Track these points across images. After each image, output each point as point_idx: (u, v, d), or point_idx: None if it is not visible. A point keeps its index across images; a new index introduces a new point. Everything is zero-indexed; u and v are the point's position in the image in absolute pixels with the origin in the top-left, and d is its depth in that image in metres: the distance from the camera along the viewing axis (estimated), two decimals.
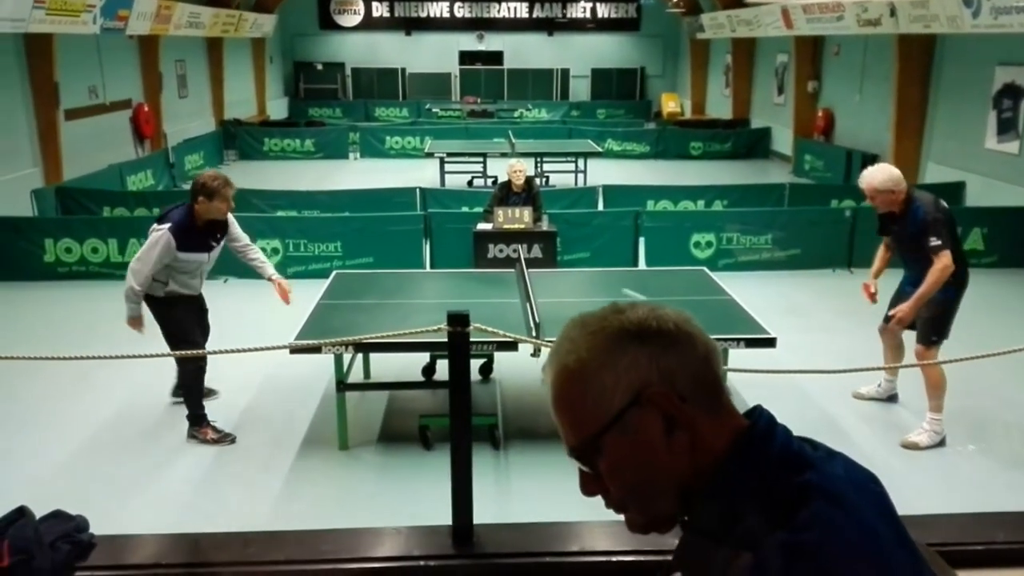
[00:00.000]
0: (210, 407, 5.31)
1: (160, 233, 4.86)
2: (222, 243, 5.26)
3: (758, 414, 1.07)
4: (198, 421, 5.14)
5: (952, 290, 5.01)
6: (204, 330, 5.37)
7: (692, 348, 1.04)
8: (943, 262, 4.85)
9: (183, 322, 5.09)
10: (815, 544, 0.91)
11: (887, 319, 5.39)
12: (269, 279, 5.41)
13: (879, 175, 5.04)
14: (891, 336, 5.47)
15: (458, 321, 2.58)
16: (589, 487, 1.08)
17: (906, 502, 4.28)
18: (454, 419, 2.63)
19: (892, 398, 5.75)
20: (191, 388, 5.14)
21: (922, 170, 12.52)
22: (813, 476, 0.98)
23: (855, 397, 5.78)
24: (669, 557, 2.64)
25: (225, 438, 5.14)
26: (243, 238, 5.46)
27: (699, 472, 1.02)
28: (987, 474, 4.81)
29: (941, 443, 5.08)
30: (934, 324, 5.07)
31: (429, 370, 5.78)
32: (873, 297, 5.38)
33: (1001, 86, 10.67)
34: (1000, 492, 4.54)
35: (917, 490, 4.54)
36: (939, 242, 4.85)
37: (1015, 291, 8.51)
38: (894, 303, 5.30)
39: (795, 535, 0.92)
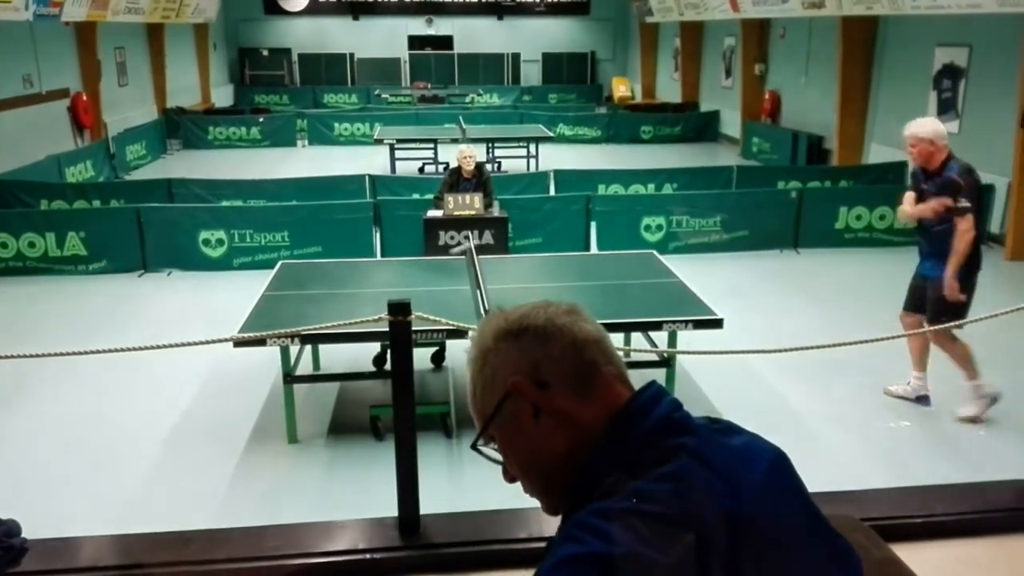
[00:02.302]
0: (142, 406, 5.18)
1: None
2: None
3: (642, 389, 1.13)
4: None
5: (965, 268, 4.89)
6: None
7: (559, 339, 1.13)
8: (967, 224, 4.73)
9: None
10: (666, 493, 0.96)
11: (906, 304, 5.30)
12: None
13: (927, 125, 4.93)
14: (914, 325, 5.29)
15: (399, 310, 2.54)
16: (505, 473, 1.19)
17: (860, 477, 4.33)
18: (398, 409, 2.59)
19: (922, 399, 5.39)
20: None
21: (866, 150, 12.77)
22: (690, 440, 1.03)
23: (886, 394, 5.51)
24: None
25: None
26: None
27: (577, 451, 1.09)
28: (927, 449, 4.92)
29: (993, 401, 5.14)
30: (947, 305, 4.93)
31: (380, 360, 5.72)
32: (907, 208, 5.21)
33: (940, 67, 10.90)
34: (940, 467, 4.65)
35: (870, 465, 4.63)
36: (968, 204, 4.74)
37: None
38: (913, 292, 5.25)
39: (648, 483, 0.97)
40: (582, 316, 1.18)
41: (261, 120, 17.78)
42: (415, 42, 25.97)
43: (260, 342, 4.52)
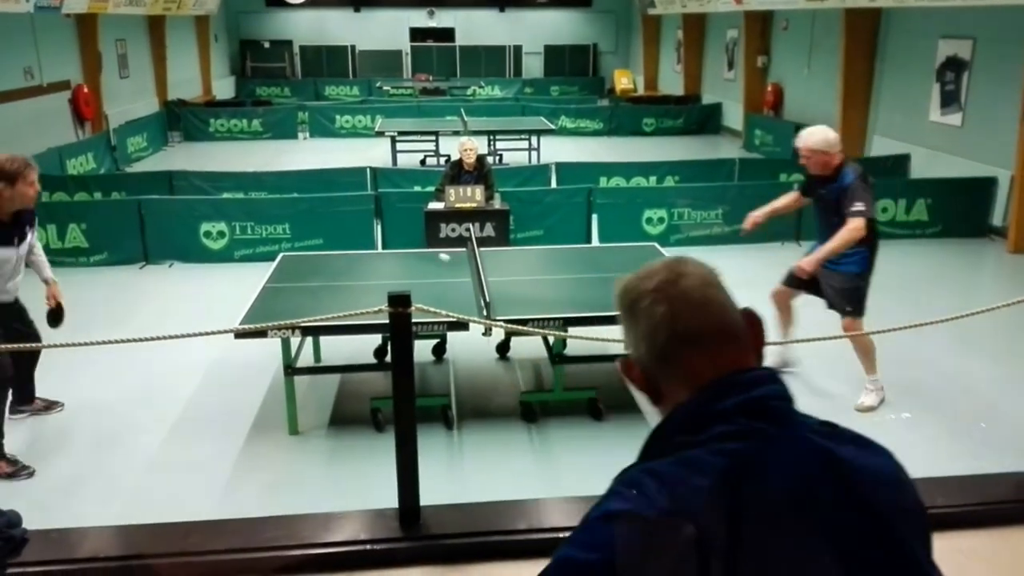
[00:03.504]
0: (143, 398, 5.17)
1: None
2: (30, 239, 4.65)
3: (754, 368, 1.18)
4: None
5: (865, 262, 5.04)
6: (32, 335, 4.78)
7: (649, 316, 1.19)
8: (856, 223, 4.87)
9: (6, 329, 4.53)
10: (710, 466, 1.02)
11: (786, 279, 5.45)
12: (45, 281, 4.93)
13: (816, 135, 5.07)
14: (783, 298, 5.52)
15: (399, 302, 2.54)
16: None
17: None
18: (398, 401, 2.60)
19: (787, 364, 5.62)
20: None
21: (868, 142, 12.73)
22: (766, 426, 1.07)
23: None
24: None
25: (22, 470, 4.51)
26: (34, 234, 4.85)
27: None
28: (928, 442, 4.92)
29: (882, 402, 5.22)
30: (848, 296, 5.10)
31: (381, 352, 5.72)
32: (754, 225, 5.50)
33: (944, 59, 10.85)
34: (941, 460, 4.65)
35: None
36: (862, 208, 4.88)
37: (958, 261, 8.73)
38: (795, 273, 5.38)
39: (703, 454, 1.04)
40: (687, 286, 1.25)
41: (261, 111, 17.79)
42: (416, 34, 25.91)
43: (261, 334, 4.52)
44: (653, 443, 1.16)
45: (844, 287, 5.11)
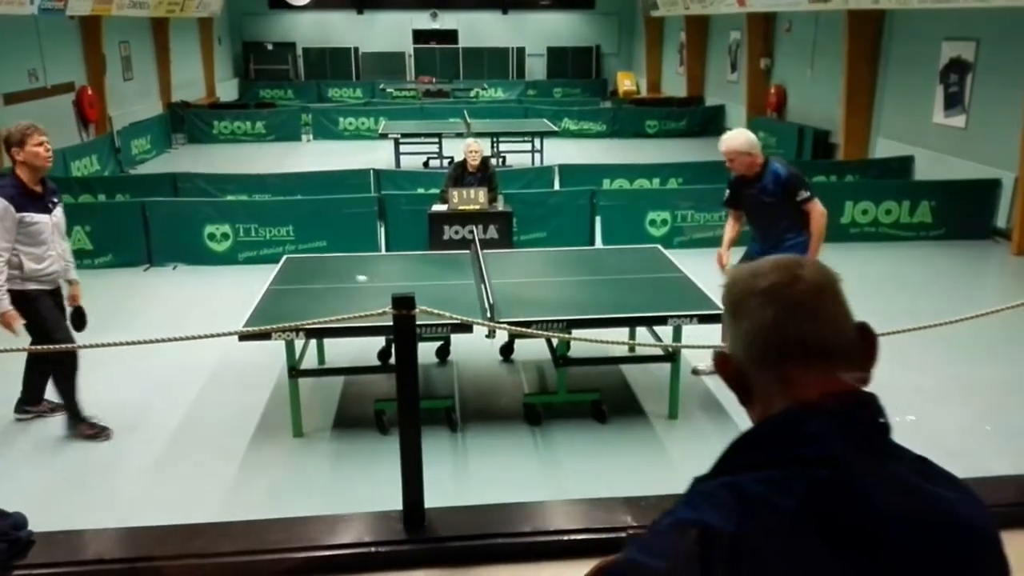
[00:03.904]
0: (147, 400, 5.19)
1: None
2: (60, 210, 4.82)
3: (847, 397, 1.08)
4: (77, 417, 4.96)
5: (806, 249, 5.11)
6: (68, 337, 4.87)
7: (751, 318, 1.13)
8: (819, 209, 5.05)
9: (49, 314, 4.75)
10: (795, 490, 0.98)
11: None
12: (68, 282, 5.02)
13: (739, 138, 5.15)
14: None
15: (403, 304, 2.54)
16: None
17: None
18: (401, 403, 2.60)
19: None
20: (69, 385, 4.88)
21: (872, 145, 12.72)
22: (859, 455, 1.02)
23: (694, 373, 5.64)
24: (620, 534, 2.64)
25: (102, 432, 4.96)
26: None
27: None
28: (932, 445, 4.91)
29: None
30: None
31: (385, 354, 5.72)
32: (727, 264, 5.49)
33: (947, 61, 10.85)
34: (945, 462, 4.64)
35: None
36: (808, 194, 5.03)
37: (962, 263, 8.71)
38: None
39: (730, 480, 1.02)
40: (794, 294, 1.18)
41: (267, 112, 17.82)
42: (420, 36, 25.94)
43: (265, 336, 4.53)
44: (736, 453, 1.09)
45: None
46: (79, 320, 4.99)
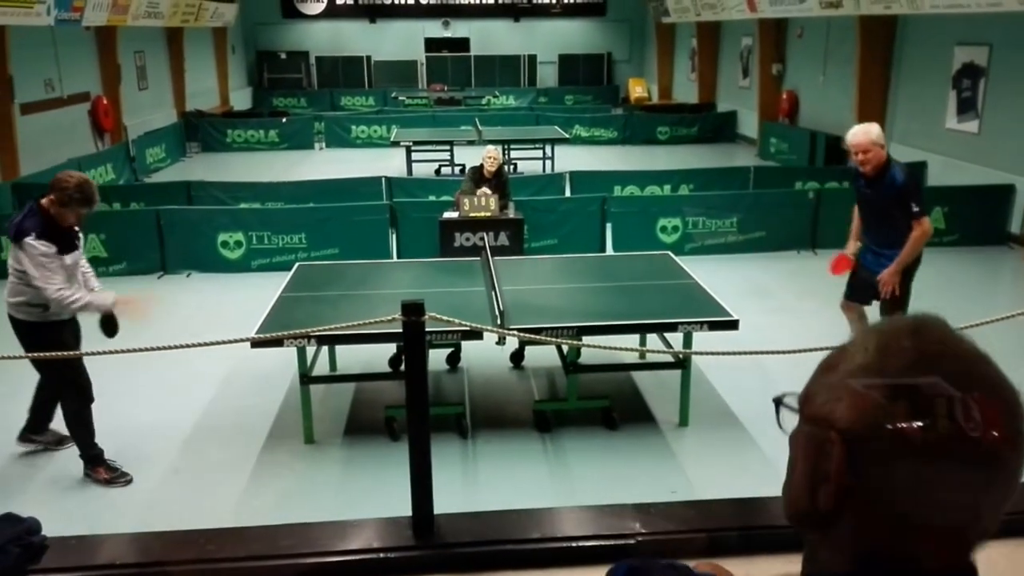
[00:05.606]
0: (160, 406, 5.21)
1: (36, 246, 4.32)
2: (81, 250, 4.75)
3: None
4: (94, 460, 4.64)
5: (914, 263, 5.13)
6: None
7: None
8: (925, 227, 5.01)
9: (69, 340, 4.59)
10: None
11: (849, 294, 5.44)
12: (91, 291, 4.89)
13: (875, 129, 5.12)
14: (855, 310, 5.51)
15: (413, 310, 2.56)
16: None
17: None
18: (411, 410, 2.61)
19: None
20: (82, 424, 4.60)
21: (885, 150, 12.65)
22: None
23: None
24: (630, 541, 2.64)
25: (121, 477, 4.64)
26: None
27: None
28: None
29: None
30: (898, 297, 5.12)
31: (396, 361, 5.75)
32: (851, 264, 5.46)
33: (960, 66, 10.80)
34: None
35: None
36: (920, 208, 4.97)
37: (975, 269, 8.66)
38: (855, 275, 5.36)
39: None
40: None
41: (284, 120, 17.90)
42: (432, 44, 26.04)
43: (277, 343, 4.56)
44: None
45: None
46: (110, 326, 4.77)
